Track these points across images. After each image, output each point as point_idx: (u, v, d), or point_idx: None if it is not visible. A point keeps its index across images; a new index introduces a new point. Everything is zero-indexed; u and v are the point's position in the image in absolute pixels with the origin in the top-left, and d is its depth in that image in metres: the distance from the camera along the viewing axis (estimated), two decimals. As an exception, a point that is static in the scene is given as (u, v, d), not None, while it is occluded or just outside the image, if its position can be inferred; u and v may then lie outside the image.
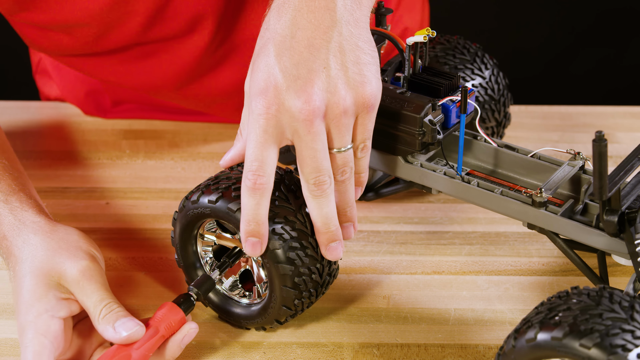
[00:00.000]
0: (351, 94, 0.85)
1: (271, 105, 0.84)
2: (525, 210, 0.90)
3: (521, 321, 0.78)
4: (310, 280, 0.91)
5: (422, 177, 0.95)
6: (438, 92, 0.94)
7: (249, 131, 0.86)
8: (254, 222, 0.87)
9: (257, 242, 0.88)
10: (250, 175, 0.86)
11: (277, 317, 0.92)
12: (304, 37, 0.85)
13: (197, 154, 1.21)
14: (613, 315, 0.74)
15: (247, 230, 0.87)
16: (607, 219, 0.84)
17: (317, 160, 0.86)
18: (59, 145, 1.22)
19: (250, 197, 0.86)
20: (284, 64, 0.84)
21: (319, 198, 0.87)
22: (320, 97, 0.84)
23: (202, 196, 0.91)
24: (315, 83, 0.84)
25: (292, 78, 0.84)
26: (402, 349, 0.94)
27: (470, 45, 1.10)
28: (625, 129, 1.24)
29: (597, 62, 2.20)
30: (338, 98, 0.85)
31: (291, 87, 0.84)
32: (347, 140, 0.87)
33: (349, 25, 0.86)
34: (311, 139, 0.85)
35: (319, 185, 0.87)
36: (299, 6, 0.86)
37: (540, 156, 0.94)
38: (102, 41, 1.09)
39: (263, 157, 0.85)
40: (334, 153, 0.87)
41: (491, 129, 1.10)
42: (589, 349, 0.72)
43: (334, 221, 0.89)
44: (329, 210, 0.88)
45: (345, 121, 0.86)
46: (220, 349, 0.94)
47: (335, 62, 0.85)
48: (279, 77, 0.84)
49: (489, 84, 1.08)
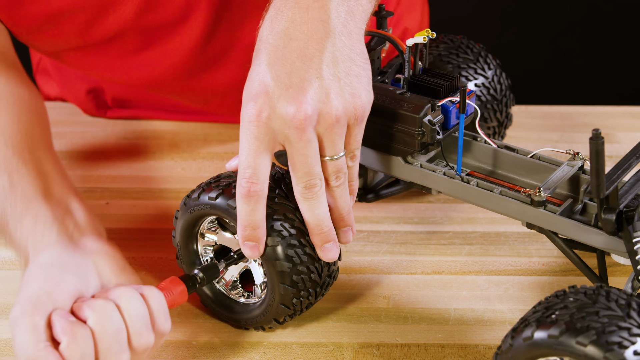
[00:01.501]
0: (343, 104, 0.86)
1: (262, 111, 0.85)
2: (524, 210, 0.90)
3: (519, 320, 0.78)
4: (309, 279, 0.91)
5: (422, 177, 0.95)
6: (438, 93, 0.94)
7: (241, 138, 0.87)
8: (250, 227, 0.88)
9: (254, 246, 0.89)
10: (244, 182, 0.86)
11: (276, 316, 0.93)
12: (297, 47, 0.86)
13: (197, 154, 1.21)
14: (609, 313, 0.74)
15: (243, 235, 0.88)
16: (605, 217, 0.84)
17: (308, 165, 0.87)
18: (59, 145, 1.22)
19: (245, 203, 0.87)
20: (276, 72, 0.85)
21: (310, 200, 0.88)
22: (312, 105, 0.85)
23: (202, 194, 0.91)
24: (308, 92, 0.85)
25: (284, 86, 0.85)
26: (402, 349, 0.94)
27: (474, 45, 1.11)
28: (625, 129, 1.24)
29: (598, 62, 2.20)
30: (330, 107, 0.85)
31: (283, 95, 0.85)
32: (339, 148, 0.88)
33: (342, 36, 0.87)
34: (303, 146, 0.86)
35: (309, 188, 0.88)
36: (292, 17, 0.87)
37: (540, 157, 0.94)
38: (96, 28, 1.08)
39: (256, 164, 0.86)
40: (327, 161, 0.88)
41: (493, 129, 1.10)
42: (586, 346, 0.73)
43: (326, 222, 0.90)
44: (320, 212, 0.89)
45: (337, 130, 0.87)
46: (220, 348, 0.94)
47: (328, 72, 0.86)
48: (271, 85, 0.85)
49: (491, 83, 1.09)
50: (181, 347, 0.94)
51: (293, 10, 0.87)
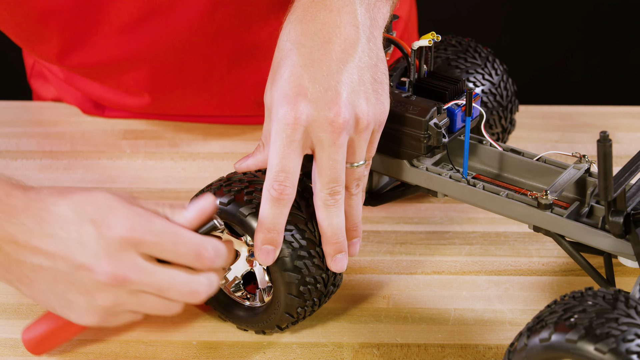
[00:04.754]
0: (373, 110, 0.86)
1: (300, 114, 0.84)
2: (531, 213, 0.90)
3: (534, 319, 0.78)
4: (315, 289, 0.91)
5: (428, 180, 0.95)
6: (443, 96, 0.94)
7: (274, 140, 0.85)
8: (275, 231, 0.87)
9: (271, 250, 0.87)
10: (276, 185, 0.85)
11: (279, 322, 0.92)
12: (333, 50, 0.85)
13: (197, 154, 1.21)
14: (629, 321, 0.74)
15: (265, 238, 0.87)
16: (613, 220, 0.84)
17: (336, 171, 0.86)
18: (58, 145, 1.22)
19: (273, 207, 0.86)
20: (313, 74, 0.84)
21: (332, 207, 0.88)
22: (349, 110, 0.85)
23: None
24: (344, 96, 0.85)
25: (322, 89, 0.84)
26: (402, 349, 0.94)
27: (482, 49, 1.10)
28: (625, 129, 1.24)
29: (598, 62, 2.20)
30: (362, 113, 0.85)
31: (321, 99, 0.84)
32: (364, 155, 0.88)
33: (369, 42, 0.87)
34: (335, 151, 0.85)
35: (333, 195, 0.87)
36: (325, 20, 0.86)
37: (546, 159, 0.94)
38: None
39: (289, 168, 0.85)
40: (349, 168, 0.88)
41: (496, 135, 1.10)
42: (604, 353, 0.72)
43: (342, 232, 0.89)
44: (339, 221, 0.88)
45: (365, 136, 0.87)
46: (220, 349, 0.94)
47: (360, 77, 0.86)
48: (309, 87, 0.84)
49: (498, 90, 1.08)
50: (181, 347, 0.94)
51: (324, 13, 0.86)
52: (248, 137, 1.23)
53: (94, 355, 0.94)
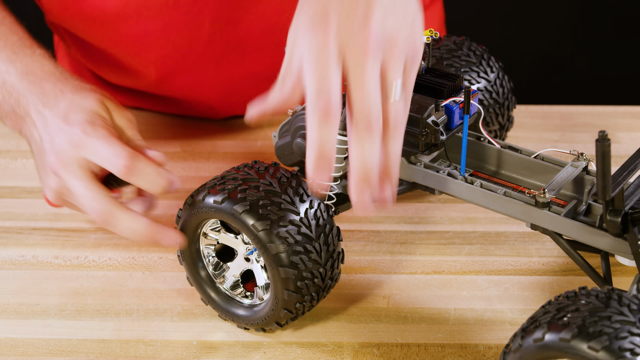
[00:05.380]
0: (404, 34, 0.83)
1: (332, 31, 0.81)
2: (528, 211, 0.90)
3: (528, 320, 0.78)
4: (313, 284, 0.91)
5: (426, 178, 0.95)
6: (441, 93, 0.94)
7: (307, 67, 0.82)
8: (326, 157, 0.82)
9: (326, 173, 0.82)
10: (322, 103, 0.81)
11: (278, 319, 0.92)
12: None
13: (197, 154, 1.21)
14: (622, 319, 0.74)
15: (318, 166, 0.82)
16: (611, 219, 0.84)
17: (370, 97, 0.82)
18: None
19: (323, 127, 0.81)
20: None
21: (365, 139, 0.82)
22: (380, 26, 0.82)
23: (207, 196, 0.91)
24: (375, 13, 0.82)
25: (352, 6, 0.82)
26: (402, 348, 0.94)
27: (477, 47, 1.10)
28: (625, 129, 1.24)
29: (598, 62, 2.20)
30: (392, 33, 0.82)
31: (352, 15, 0.81)
32: (399, 74, 0.83)
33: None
34: (368, 71, 0.81)
35: (368, 126, 0.82)
36: None
37: (544, 157, 0.94)
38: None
39: (330, 87, 0.81)
40: (386, 103, 0.83)
41: (494, 132, 1.10)
42: (597, 351, 0.72)
43: (375, 170, 0.83)
44: (374, 157, 0.83)
45: (399, 59, 0.83)
46: (220, 348, 0.94)
47: (389, 1, 0.83)
48: (339, 4, 0.82)
49: (494, 87, 1.08)
50: (181, 347, 0.94)
51: None
52: (249, 137, 1.23)
53: (94, 355, 0.94)
